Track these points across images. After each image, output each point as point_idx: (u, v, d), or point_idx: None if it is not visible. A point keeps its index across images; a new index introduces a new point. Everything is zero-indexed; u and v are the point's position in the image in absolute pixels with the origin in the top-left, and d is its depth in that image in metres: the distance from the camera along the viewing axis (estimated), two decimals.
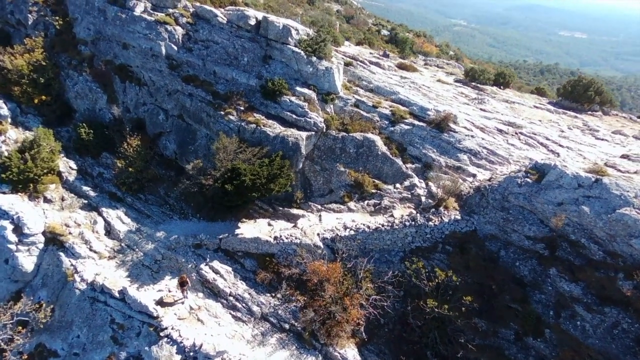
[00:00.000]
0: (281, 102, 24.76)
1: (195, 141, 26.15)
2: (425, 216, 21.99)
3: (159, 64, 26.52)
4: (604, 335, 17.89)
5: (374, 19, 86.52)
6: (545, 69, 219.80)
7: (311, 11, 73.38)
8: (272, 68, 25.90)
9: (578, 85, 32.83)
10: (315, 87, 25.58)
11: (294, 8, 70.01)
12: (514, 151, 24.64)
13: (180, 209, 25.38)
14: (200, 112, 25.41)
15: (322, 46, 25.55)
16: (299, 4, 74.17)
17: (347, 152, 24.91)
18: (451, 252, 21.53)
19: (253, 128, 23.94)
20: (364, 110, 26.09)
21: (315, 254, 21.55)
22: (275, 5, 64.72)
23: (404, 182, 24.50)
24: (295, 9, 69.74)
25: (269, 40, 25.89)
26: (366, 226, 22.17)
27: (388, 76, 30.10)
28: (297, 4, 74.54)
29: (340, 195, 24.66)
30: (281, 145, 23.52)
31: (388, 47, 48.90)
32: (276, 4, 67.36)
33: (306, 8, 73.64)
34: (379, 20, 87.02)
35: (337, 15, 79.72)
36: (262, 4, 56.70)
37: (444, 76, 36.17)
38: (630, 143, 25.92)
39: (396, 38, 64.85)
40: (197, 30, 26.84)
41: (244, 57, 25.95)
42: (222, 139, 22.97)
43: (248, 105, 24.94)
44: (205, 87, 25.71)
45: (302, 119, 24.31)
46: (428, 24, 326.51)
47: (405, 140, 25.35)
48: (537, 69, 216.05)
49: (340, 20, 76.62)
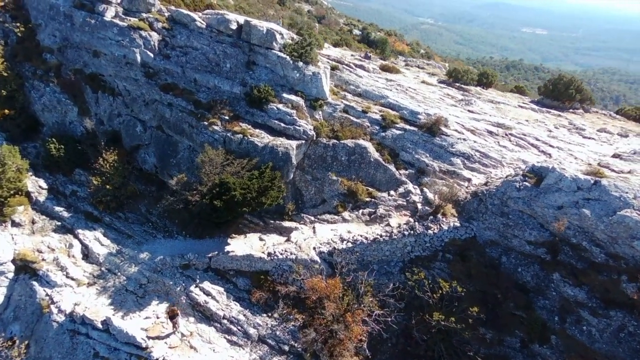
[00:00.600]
0: (268, 110, 23.61)
1: (176, 154, 24.64)
2: (423, 224, 21.36)
3: (134, 72, 24.85)
4: (611, 339, 17.72)
5: (345, 19, 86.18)
6: (510, 64, 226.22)
7: (282, 12, 72.37)
8: (256, 74, 24.70)
9: (559, 83, 33.10)
10: (303, 94, 24.56)
11: (265, 9, 68.84)
12: (507, 153, 24.39)
13: (164, 226, 23.84)
14: (182, 122, 23.93)
15: (308, 50, 24.54)
16: (270, 5, 73.06)
17: (338, 160, 24.03)
18: (451, 261, 20.98)
19: (240, 138, 22.68)
20: (354, 115, 25.27)
21: (313, 270, 20.55)
22: (247, 7, 63.41)
23: (399, 189, 23.82)
24: (266, 9, 68.57)
25: (252, 45, 24.67)
26: (364, 237, 21.34)
27: (374, 79, 29.39)
28: (268, 4, 73.42)
29: (333, 205, 23.74)
30: (270, 156, 22.38)
31: (363, 47, 48.50)
32: (247, 4, 66.12)
33: (277, 9, 72.55)
34: (350, 20, 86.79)
35: (308, 15, 78.99)
36: (233, 6, 55.41)
37: (427, 77, 35.82)
38: (616, 141, 26.17)
39: (368, 37, 64.76)
40: (175, 35, 25.31)
41: (226, 63, 24.63)
42: (208, 151, 21.64)
43: (233, 114, 23.66)
44: (185, 96, 24.25)
45: (291, 127, 23.24)
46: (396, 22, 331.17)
47: (398, 145, 24.69)
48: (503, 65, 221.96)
49: (312, 20, 75.87)
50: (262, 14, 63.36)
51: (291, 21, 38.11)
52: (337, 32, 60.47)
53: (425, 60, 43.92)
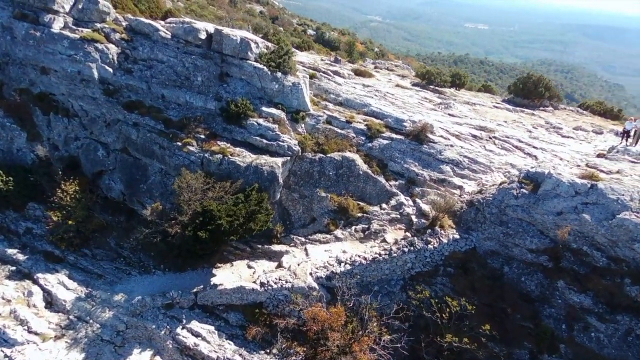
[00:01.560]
0: (247, 126, 21.79)
1: (147, 178, 22.25)
2: (422, 239, 20.47)
3: (92, 90, 22.16)
4: (620, 343, 17.63)
5: (298, 19, 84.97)
6: (457, 59, 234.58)
7: (234, 13, 70.09)
8: (231, 87, 22.76)
9: (528, 82, 33.60)
10: (283, 106, 22.94)
11: (216, 11, 66.37)
12: (494, 158, 24.07)
13: (139, 261, 21.44)
14: (151, 144, 21.58)
15: (286, 60, 22.95)
16: (220, 7, 70.69)
17: (326, 175, 22.66)
18: (453, 274, 20.25)
19: (219, 159, 20.73)
20: (338, 126, 23.98)
21: (311, 297, 19.06)
22: (198, 9, 60.87)
23: (390, 202, 22.83)
24: (217, 11, 66.07)
25: (224, 55, 22.69)
26: (362, 258, 20.14)
27: (352, 86, 28.26)
28: (219, 6, 71.02)
29: (324, 224, 22.35)
30: (255, 177, 20.62)
31: (324, 50, 47.49)
32: (198, 7, 63.51)
33: (228, 10, 70.18)
34: (303, 20, 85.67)
35: (261, 16, 77.09)
36: (183, 9, 52.86)
37: (399, 80, 35.22)
38: (593, 139, 26.67)
39: (323, 37, 64.10)
40: (136, 47, 22.81)
41: (197, 76, 22.50)
42: (185, 176, 19.55)
43: (209, 132, 21.64)
44: (153, 115, 21.91)
45: (274, 144, 21.58)
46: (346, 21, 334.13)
47: (385, 155, 23.69)
48: (451, 59, 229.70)
49: (265, 21, 73.99)
50: (215, 17, 60.73)
51: (256, 26, 36.15)
52: (292, 32, 58.94)
53: (394, 62, 43.45)
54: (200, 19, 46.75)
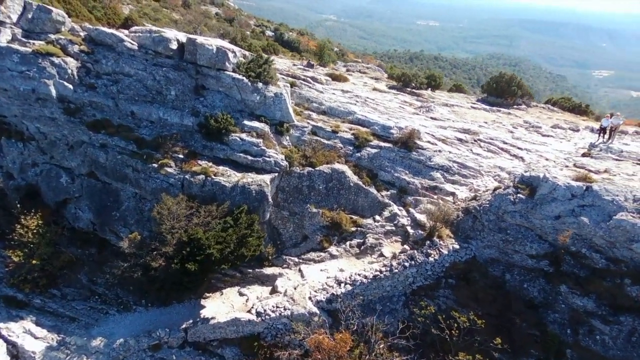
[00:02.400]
0: (230, 142, 20.20)
1: (119, 204, 20.14)
2: (422, 251, 19.75)
3: (50, 110, 19.75)
4: (624, 344, 17.67)
5: (255, 20, 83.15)
6: (413, 56, 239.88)
7: (188, 15, 67.56)
8: (208, 101, 21.05)
9: (501, 81, 33.93)
10: (266, 118, 21.51)
11: (169, 13, 63.73)
12: (482, 161, 23.80)
13: (117, 298, 19.33)
14: (123, 167, 19.51)
15: (267, 69, 21.51)
16: (174, 9, 67.93)
17: (316, 189, 21.47)
18: (455, 286, 19.69)
19: (202, 180, 19.03)
20: (324, 137, 22.84)
21: (313, 324, 17.83)
22: (151, 12, 58.36)
23: (383, 213, 22.01)
24: (170, 14, 63.43)
25: (199, 66, 20.93)
26: (363, 276, 19.13)
27: (332, 92, 27.18)
28: (172, 8, 68.25)
29: (317, 241, 21.17)
30: (242, 197, 19.09)
31: (284, 51, 46.31)
32: (151, 10, 60.91)
33: (182, 12, 67.52)
34: (261, 21, 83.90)
35: (216, 17, 74.80)
36: (136, 13, 50.50)
37: (374, 83, 34.55)
38: (572, 136, 27.10)
39: (282, 38, 62.89)
40: (98, 60, 20.58)
41: (170, 90, 20.61)
42: (166, 201, 17.77)
43: (188, 151, 19.87)
44: (123, 134, 19.84)
45: (260, 160, 20.13)
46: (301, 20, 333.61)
47: (375, 165, 22.83)
48: (406, 56, 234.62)
49: (221, 23, 71.80)
50: (169, 20, 58.24)
51: (223, 31, 34.26)
52: (251, 35, 57.28)
53: (365, 64, 42.82)
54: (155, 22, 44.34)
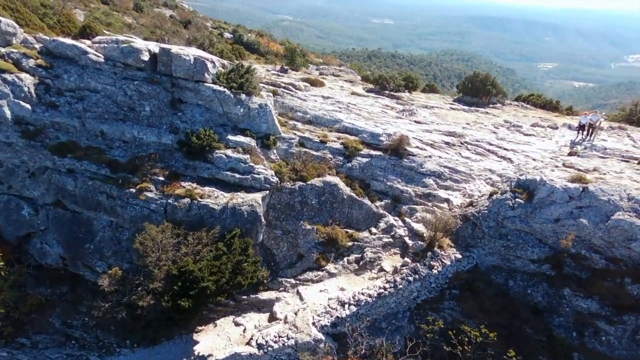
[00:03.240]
0: (214, 160, 18.61)
1: (93, 235, 18.08)
2: (425, 263, 19.06)
3: (5, 134, 17.40)
4: (629, 343, 17.73)
5: (212, 22, 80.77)
6: (371, 54, 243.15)
7: (142, 19, 64.59)
8: (187, 115, 19.33)
9: (476, 80, 34.06)
10: (251, 132, 20.06)
11: (121, 17, 60.67)
12: (472, 164, 23.49)
13: (97, 341, 17.30)
14: (95, 194, 17.48)
15: (249, 79, 20.06)
16: (125, 12, 64.67)
17: (309, 204, 20.30)
18: (460, 297, 19.14)
19: (187, 204, 17.35)
20: (313, 148, 21.70)
21: (319, 351, 16.69)
22: (103, 17, 55.31)
23: (379, 224, 21.17)
24: (122, 18, 60.41)
25: (175, 79, 19.16)
26: (367, 295, 18.18)
27: (314, 100, 26.03)
28: (123, 12, 64.96)
29: (313, 260, 20.00)
30: (233, 220, 17.59)
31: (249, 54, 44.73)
32: (102, 14, 57.91)
33: (135, 16, 64.42)
34: (218, 23, 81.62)
35: (172, 20, 71.92)
36: (84, 16, 47.81)
37: (351, 86, 33.75)
38: (552, 135, 27.41)
39: (241, 40, 61.20)
40: (59, 75, 18.36)
41: (144, 106, 18.73)
42: (149, 230, 16.02)
43: (169, 172, 18.09)
44: (93, 157, 17.80)
45: (249, 177, 18.68)
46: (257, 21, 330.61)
47: (367, 175, 21.95)
48: (365, 55, 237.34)
49: (176, 26, 69.00)
50: (123, 24, 55.41)
51: (190, 38, 32.21)
52: (208, 36, 55.11)
53: (337, 67, 41.95)
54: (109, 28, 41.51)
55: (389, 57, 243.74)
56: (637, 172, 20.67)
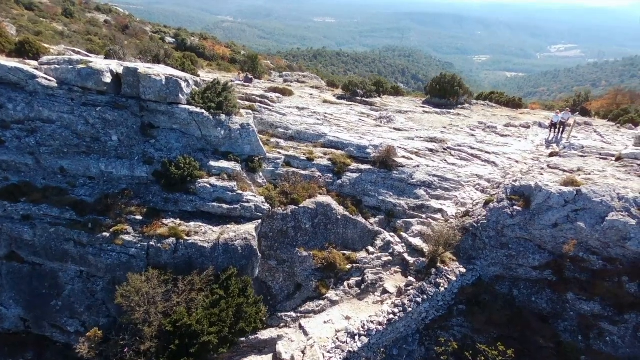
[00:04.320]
0: (198, 191, 16.61)
1: (60, 290, 15.48)
2: (431, 281, 18.28)
3: None
4: (632, 341, 18.01)
5: (152, 26, 76.59)
6: (316, 53, 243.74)
7: (73, 25, 59.88)
8: (162, 142, 17.12)
9: (443, 81, 34.10)
10: (234, 155, 18.20)
11: (50, 24, 55.93)
12: (459, 171, 23.11)
13: None
14: (60, 242, 14.93)
15: (228, 97, 18.18)
16: (54, 18, 59.77)
17: (302, 229, 18.83)
18: (467, 311, 18.55)
19: (172, 244, 15.27)
20: (300, 167, 20.22)
21: None
22: (30, 25, 50.86)
23: (376, 242, 20.16)
24: (51, 24, 55.67)
25: (144, 102, 16.86)
26: (377, 323, 17.04)
27: (290, 112, 24.46)
28: (52, 18, 60.08)
29: (312, 288, 18.57)
30: (227, 257, 15.75)
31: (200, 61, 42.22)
32: (29, 22, 53.28)
33: (65, 22, 59.54)
34: (159, 27, 77.52)
35: (107, 26, 67.32)
36: (14, 25, 43.58)
37: (320, 93, 32.51)
38: (527, 134, 27.82)
39: (184, 45, 58.39)
40: (2, 105, 15.47)
41: (111, 135, 16.29)
42: (133, 281, 13.86)
43: (147, 209, 15.86)
44: (54, 200, 15.20)
45: (238, 206, 16.88)
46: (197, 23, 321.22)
47: (358, 191, 20.83)
48: (310, 54, 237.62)
49: (113, 31, 64.73)
50: (54, 31, 50.86)
51: (142, 47, 29.32)
52: (150, 43, 51.88)
53: (300, 72, 40.46)
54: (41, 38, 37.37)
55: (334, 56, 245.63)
56: (618, 170, 21.20)
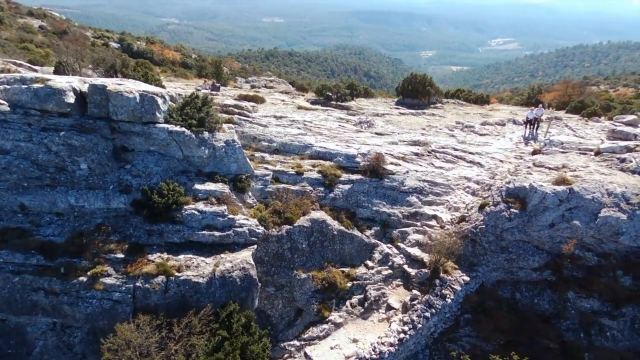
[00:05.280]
0: (185, 219, 14.88)
1: (29, 347, 13.30)
2: (436, 294, 17.64)
3: None
4: (630, 334, 18.30)
5: (93, 31, 71.95)
6: (268, 54, 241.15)
7: (4, 32, 54.99)
8: (139, 167, 15.19)
9: (415, 82, 33.88)
10: (220, 175, 16.56)
11: None
12: (447, 174, 22.73)
13: None
14: (27, 292, 12.76)
15: (210, 112, 16.52)
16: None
17: (299, 249, 17.57)
18: (473, 320, 18.13)
19: (162, 283, 13.50)
20: (289, 182, 18.90)
21: None
22: None
23: (374, 256, 19.29)
24: None
25: (115, 122, 14.87)
26: (388, 344, 16.13)
27: (270, 122, 23.01)
28: None
29: (314, 312, 17.38)
30: (225, 291, 14.20)
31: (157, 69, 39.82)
32: None
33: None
34: (101, 32, 72.97)
35: (42, 32, 62.45)
36: None
37: (292, 99, 31.23)
38: (504, 132, 28.04)
39: (131, 50, 55.61)
40: None
41: (79, 163, 14.19)
42: (122, 333, 12.02)
43: (129, 245, 13.95)
44: (16, 243, 12.98)
45: (230, 233, 15.31)
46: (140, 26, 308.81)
47: (351, 203, 19.85)
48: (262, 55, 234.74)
49: (50, 37, 60.17)
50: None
51: (96, 55, 26.62)
52: (92, 49, 48.44)
53: (267, 77, 38.86)
54: None
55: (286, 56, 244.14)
56: (600, 165, 21.64)
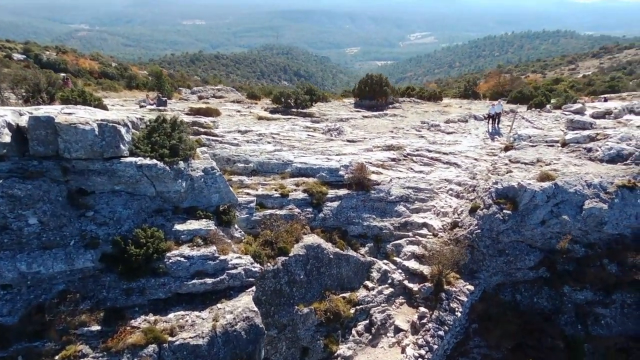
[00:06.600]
0: (170, 270, 12.45)
1: None
2: (445, 308, 16.78)
3: None
4: (621, 319, 18.91)
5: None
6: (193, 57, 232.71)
7: None
8: (103, 213, 12.43)
9: (372, 83, 33.20)
10: (202, 210, 14.24)
11: None
12: (428, 178, 22.13)
13: None
14: None
15: (182, 137, 14.10)
16: None
17: (297, 281, 15.79)
18: (481, 330, 17.60)
19: (154, 355, 11.07)
20: (276, 206, 17.00)
21: None
22: None
23: (371, 274, 18.05)
24: None
25: (68, 161, 11.99)
26: None
27: (236, 139, 20.76)
28: None
29: (320, 349, 15.73)
30: (229, 349, 12.07)
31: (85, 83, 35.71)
32: None
33: None
34: (2, 43, 65.35)
35: None
36: None
37: (249, 109, 29.03)
38: (470, 129, 28.15)
39: (41, 61, 50.99)
40: None
41: (26, 217, 11.18)
42: None
43: (105, 312, 11.29)
44: None
45: (224, 277, 13.14)
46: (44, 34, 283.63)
47: (342, 221, 18.40)
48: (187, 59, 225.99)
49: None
50: None
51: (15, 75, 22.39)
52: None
53: (213, 87, 35.98)
54: None
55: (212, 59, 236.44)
56: (570, 156, 22.24)
